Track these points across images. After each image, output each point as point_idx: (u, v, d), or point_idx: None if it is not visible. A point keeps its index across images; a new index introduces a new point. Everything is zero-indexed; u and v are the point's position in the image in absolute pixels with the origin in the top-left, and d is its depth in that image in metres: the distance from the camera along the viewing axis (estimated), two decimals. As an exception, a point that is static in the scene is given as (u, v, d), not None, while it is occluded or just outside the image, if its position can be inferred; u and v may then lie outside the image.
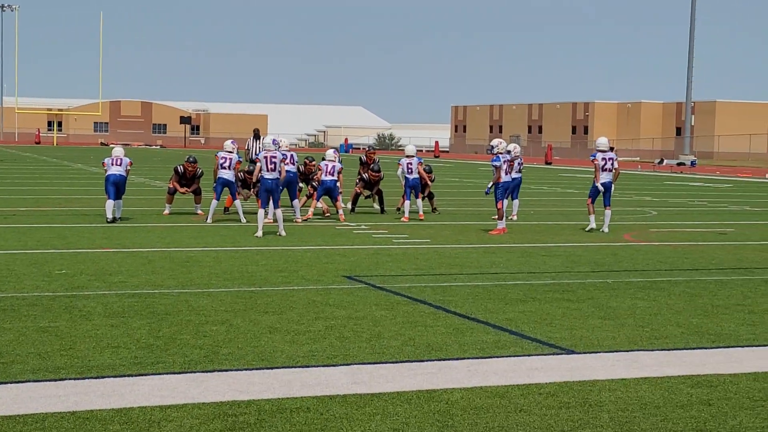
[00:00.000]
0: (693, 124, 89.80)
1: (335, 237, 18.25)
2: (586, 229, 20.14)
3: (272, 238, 17.56)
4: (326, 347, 8.85)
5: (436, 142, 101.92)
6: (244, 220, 20.41)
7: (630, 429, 6.67)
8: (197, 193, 22.14)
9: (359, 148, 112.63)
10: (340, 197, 21.48)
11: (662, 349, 9.14)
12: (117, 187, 20.01)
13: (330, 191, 21.37)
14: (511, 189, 22.95)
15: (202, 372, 7.87)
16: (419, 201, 22.21)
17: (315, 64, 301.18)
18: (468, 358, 8.55)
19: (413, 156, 22.07)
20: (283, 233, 17.97)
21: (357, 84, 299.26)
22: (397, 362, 8.36)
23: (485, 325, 10.10)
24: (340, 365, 8.20)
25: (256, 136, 26.18)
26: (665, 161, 76.75)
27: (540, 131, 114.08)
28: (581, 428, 6.66)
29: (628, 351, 9.03)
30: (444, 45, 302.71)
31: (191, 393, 7.25)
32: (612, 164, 20.21)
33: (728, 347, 9.33)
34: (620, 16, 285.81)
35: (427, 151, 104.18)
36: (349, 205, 23.44)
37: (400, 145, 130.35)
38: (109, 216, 19.79)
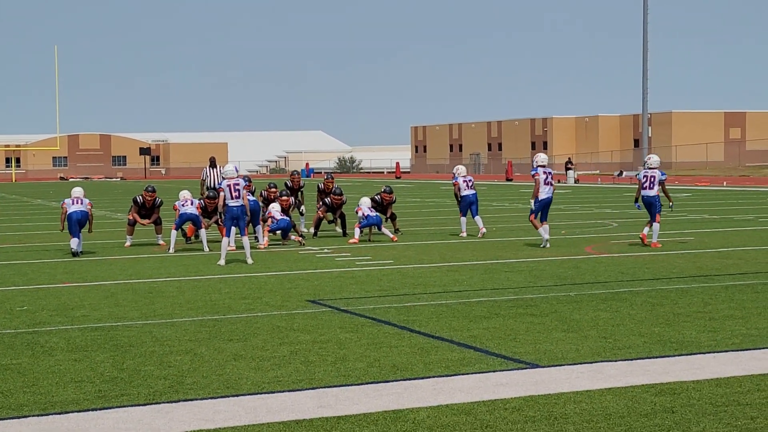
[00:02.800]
0: (650, 135, 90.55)
1: (298, 262, 18.22)
2: (542, 246, 20.12)
3: (235, 266, 17.51)
4: (291, 372, 8.83)
5: (397, 163, 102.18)
6: (207, 249, 20.33)
7: (595, 440, 6.71)
8: (158, 223, 22.06)
9: (320, 172, 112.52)
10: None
11: (625, 359, 9.20)
12: (80, 225, 19.96)
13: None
14: (468, 205, 23.26)
15: (167, 402, 7.83)
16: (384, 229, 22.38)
17: (272, 90, 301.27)
18: (433, 377, 8.56)
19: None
20: (251, 261, 17.93)
21: (315, 108, 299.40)
22: (362, 384, 8.35)
23: (450, 343, 10.12)
24: (306, 389, 8.19)
25: (212, 164, 26.24)
26: (624, 173, 77.36)
27: (500, 148, 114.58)
28: (547, 441, 6.69)
29: (591, 363, 9.08)
30: (400, 65, 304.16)
31: (156, 424, 7.21)
32: (551, 178, 20.40)
33: (690, 354, 9.41)
34: (574, 31, 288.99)
35: (389, 172, 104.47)
36: (312, 230, 23.48)
37: (361, 168, 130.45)
38: (74, 248, 19.70)
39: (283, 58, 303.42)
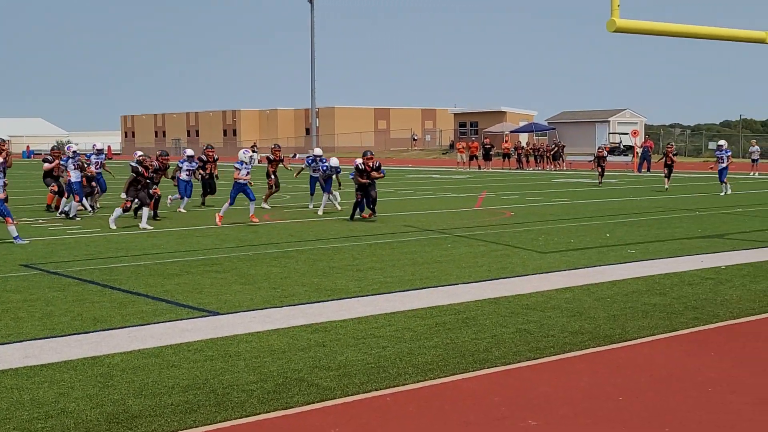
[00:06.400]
0: (318, 125, 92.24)
1: (14, 231, 16.92)
2: (311, 207, 22.12)
3: (-46, 236, 16.00)
4: (2, 328, 8.17)
5: (109, 147, 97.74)
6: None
7: (260, 371, 6.70)
8: None
9: (40, 154, 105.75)
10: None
11: (289, 305, 9.28)
12: None
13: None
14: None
15: None
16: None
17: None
18: (129, 327, 8.23)
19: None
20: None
21: (36, 98, 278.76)
22: (65, 335, 7.88)
23: (146, 297, 9.77)
24: (14, 343, 7.60)
25: None
26: (297, 155, 78.28)
27: (197, 135, 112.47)
28: (222, 375, 6.61)
29: (262, 309, 9.08)
30: (111, 60, 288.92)
31: None
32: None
33: (340, 299, 9.63)
34: (257, 36, 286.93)
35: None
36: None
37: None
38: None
39: (7, 52, 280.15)
